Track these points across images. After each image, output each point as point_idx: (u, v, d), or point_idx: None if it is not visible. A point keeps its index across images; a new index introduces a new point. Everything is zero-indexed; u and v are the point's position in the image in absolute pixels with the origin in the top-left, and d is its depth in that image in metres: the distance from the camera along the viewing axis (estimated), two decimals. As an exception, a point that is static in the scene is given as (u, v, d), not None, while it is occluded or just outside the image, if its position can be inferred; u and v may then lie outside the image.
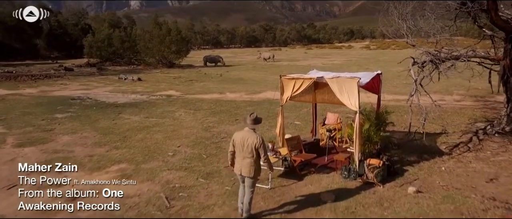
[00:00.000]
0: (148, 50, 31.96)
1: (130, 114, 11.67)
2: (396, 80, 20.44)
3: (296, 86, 6.14)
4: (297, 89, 6.15)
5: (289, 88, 6.22)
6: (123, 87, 19.09)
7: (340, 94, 5.77)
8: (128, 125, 10.01)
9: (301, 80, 6.07)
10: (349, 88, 5.66)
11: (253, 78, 23.04)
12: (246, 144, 4.62)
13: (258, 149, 4.60)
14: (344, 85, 5.71)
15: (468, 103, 13.30)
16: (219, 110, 12.12)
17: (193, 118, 10.99)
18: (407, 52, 43.07)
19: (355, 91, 5.61)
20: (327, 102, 7.16)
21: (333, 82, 5.80)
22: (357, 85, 5.58)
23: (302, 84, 6.09)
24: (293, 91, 6.19)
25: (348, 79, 5.66)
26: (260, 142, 4.60)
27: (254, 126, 4.75)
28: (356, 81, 5.57)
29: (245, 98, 15.04)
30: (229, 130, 9.45)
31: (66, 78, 23.95)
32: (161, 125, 9.98)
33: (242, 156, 4.67)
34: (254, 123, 4.75)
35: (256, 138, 4.62)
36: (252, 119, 4.76)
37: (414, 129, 8.86)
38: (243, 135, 4.71)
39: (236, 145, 4.73)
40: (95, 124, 10.26)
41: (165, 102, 13.86)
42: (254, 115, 4.81)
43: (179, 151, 7.65)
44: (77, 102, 13.91)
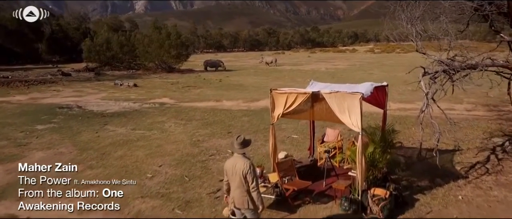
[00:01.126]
0: (147, 55, 31.28)
1: (116, 125, 10.89)
2: (402, 87, 19.51)
3: (289, 101, 5.30)
4: (290, 105, 5.32)
5: (280, 104, 5.38)
6: (116, 94, 18.35)
7: (340, 112, 4.92)
8: (110, 139, 9.21)
9: (295, 94, 5.23)
10: (350, 106, 4.81)
11: (253, 84, 22.23)
12: (234, 171, 4.04)
13: (246, 176, 3.97)
14: (344, 102, 4.87)
15: (480, 113, 12.36)
16: (212, 121, 11.30)
17: (182, 130, 10.18)
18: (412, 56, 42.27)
19: (357, 109, 4.76)
20: (326, 119, 6.29)
21: (332, 98, 4.95)
22: (360, 102, 4.72)
23: (295, 99, 5.25)
24: (286, 107, 5.35)
25: (349, 95, 4.81)
26: (248, 168, 3.97)
27: (242, 150, 4.16)
28: (358, 97, 4.72)
29: (242, 106, 14.21)
30: (220, 145, 8.63)
31: (61, 83, 23.30)
32: (147, 139, 9.17)
33: (234, 185, 4.08)
34: (242, 147, 4.17)
35: (244, 164, 4.00)
36: (239, 143, 4.16)
37: (423, 145, 7.99)
38: (233, 161, 4.12)
39: (228, 173, 4.14)
40: (76, 137, 9.48)
41: (156, 111, 13.07)
42: (241, 138, 4.21)
43: (160, 171, 6.82)
44: (64, 111, 13.16)
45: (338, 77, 25.25)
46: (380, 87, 6.22)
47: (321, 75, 27.26)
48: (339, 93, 4.88)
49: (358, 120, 4.77)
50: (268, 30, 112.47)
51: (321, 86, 6.03)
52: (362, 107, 4.80)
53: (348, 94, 4.81)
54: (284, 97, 5.30)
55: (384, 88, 6.37)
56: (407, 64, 36.86)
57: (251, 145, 4.49)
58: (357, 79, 24.10)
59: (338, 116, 4.98)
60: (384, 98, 6.41)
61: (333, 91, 4.92)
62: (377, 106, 6.49)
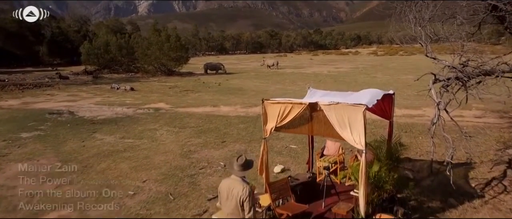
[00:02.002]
0: (146, 58, 30.78)
1: (105, 133, 10.31)
2: (407, 91, 18.86)
3: (283, 113, 4.68)
4: (284, 117, 4.70)
5: (273, 116, 4.76)
6: (111, 98, 17.81)
7: (340, 127, 4.30)
8: (96, 149, 8.62)
9: (290, 105, 4.61)
10: (352, 119, 4.19)
11: (253, 87, 21.63)
12: (231, 195, 3.53)
13: (243, 203, 3.48)
14: (345, 115, 4.24)
15: (491, 120, 11.68)
16: (207, 129, 10.70)
17: (174, 139, 9.58)
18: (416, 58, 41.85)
19: (360, 124, 4.13)
20: (325, 135, 5.64)
21: (331, 110, 4.33)
22: (363, 115, 4.10)
23: (290, 110, 4.63)
24: (279, 120, 4.74)
25: (351, 107, 4.19)
26: (247, 195, 3.47)
27: (242, 173, 3.61)
28: (361, 110, 4.10)
29: (240, 112, 13.61)
30: (212, 156, 8.01)
31: (57, 87, 22.82)
32: (135, 149, 8.58)
33: (227, 211, 3.59)
34: (242, 169, 3.62)
35: (243, 189, 3.49)
36: (239, 164, 3.62)
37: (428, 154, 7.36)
38: (229, 184, 3.59)
39: (221, 196, 3.64)
40: (60, 146, 8.90)
41: (150, 118, 12.49)
42: (243, 159, 3.66)
43: (143, 188, 6.22)
44: (53, 117, 12.60)
45: (341, 81, 24.60)
46: (386, 95, 5.59)
47: (323, 78, 26.64)
48: (340, 105, 4.25)
49: (361, 136, 4.15)
50: (270, 33, 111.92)
51: (320, 95, 5.41)
52: (365, 121, 4.17)
53: (350, 106, 4.19)
54: (278, 108, 4.68)
55: (391, 97, 5.74)
56: (411, 67, 36.20)
57: None
58: (360, 82, 23.43)
59: (338, 131, 4.35)
60: (390, 107, 5.79)
61: (333, 103, 4.29)
62: (383, 116, 5.88)
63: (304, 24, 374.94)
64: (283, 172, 6.82)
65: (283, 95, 17.76)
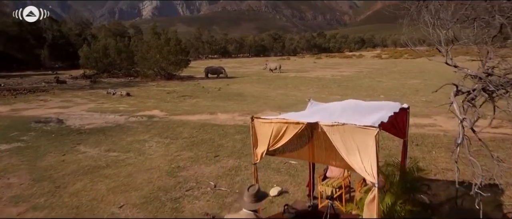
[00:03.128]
0: (145, 61, 30.11)
1: (90, 145, 9.53)
2: (414, 97, 17.95)
3: (276, 134, 3.85)
4: (278, 139, 3.87)
5: (265, 137, 3.93)
6: (105, 105, 17.07)
7: (348, 153, 3.47)
8: (76, 164, 7.83)
9: (284, 125, 3.78)
10: (362, 144, 3.36)
11: (254, 93, 20.82)
12: None
13: None
14: (353, 138, 3.41)
15: (509, 130, 10.75)
16: (200, 140, 9.88)
17: (163, 152, 8.77)
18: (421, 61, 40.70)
19: (373, 150, 3.30)
20: (328, 162, 4.74)
21: (335, 133, 3.50)
22: (376, 140, 3.26)
23: (285, 131, 3.80)
24: (272, 142, 3.91)
25: (360, 130, 3.35)
26: None
27: (255, 205, 2.95)
28: (373, 133, 3.26)
29: (237, 120, 12.79)
30: (202, 173, 7.19)
31: (52, 92, 22.15)
32: (118, 165, 7.78)
33: None
34: (255, 201, 2.96)
35: None
36: (252, 194, 2.95)
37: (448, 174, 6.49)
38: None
39: None
40: (37, 161, 8.12)
41: (141, 127, 11.70)
42: (255, 189, 2.98)
43: (119, 215, 5.41)
44: (39, 126, 11.85)
45: (345, 85, 23.73)
46: (400, 110, 4.75)
47: (326, 83, 25.78)
48: (346, 126, 3.42)
49: (374, 165, 3.31)
50: (273, 36, 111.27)
51: (322, 109, 4.58)
52: (378, 147, 3.34)
53: (359, 128, 3.35)
54: (270, 128, 3.85)
55: (405, 112, 4.89)
56: (416, 71, 35.25)
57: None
58: (365, 87, 22.55)
59: (344, 158, 3.52)
60: (404, 124, 4.94)
61: (337, 123, 3.46)
62: (395, 134, 5.03)
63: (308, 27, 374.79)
64: (280, 195, 5.98)
65: (285, 101, 16.94)
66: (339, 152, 3.54)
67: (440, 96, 19.04)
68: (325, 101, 17.90)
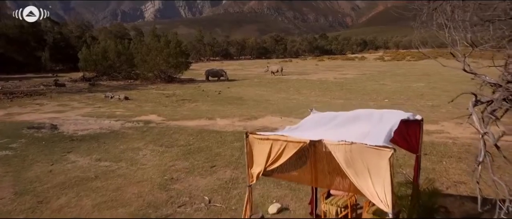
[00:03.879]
0: (145, 64, 29.71)
1: (81, 153, 9.07)
2: (420, 101, 17.41)
3: (274, 153, 3.37)
4: (276, 158, 3.39)
5: (261, 156, 3.46)
6: (102, 109, 16.64)
7: (357, 177, 2.99)
8: (63, 176, 7.37)
9: (283, 143, 3.30)
10: (374, 167, 2.88)
11: (255, 96, 20.35)
12: None
13: None
14: (363, 160, 2.93)
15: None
16: (197, 148, 9.41)
17: (157, 162, 8.30)
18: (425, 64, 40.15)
19: (386, 174, 2.82)
20: (333, 186, 4.18)
21: (342, 153, 3.02)
22: (390, 162, 2.78)
23: (284, 150, 3.32)
24: (269, 162, 3.42)
25: (372, 150, 2.87)
26: None
27: None
28: (387, 155, 2.78)
29: (237, 126, 12.32)
30: (197, 186, 6.71)
31: (49, 96, 21.74)
32: (108, 176, 7.31)
33: None
34: None
35: None
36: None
37: (458, 186, 5.99)
38: None
39: None
40: (23, 172, 7.67)
41: (136, 134, 11.24)
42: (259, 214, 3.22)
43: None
44: (31, 132, 11.42)
45: (348, 88, 23.23)
46: (412, 122, 4.26)
47: (329, 86, 25.29)
48: (355, 146, 2.94)
49: (388, 192, 2.83)
50: (275, 38, 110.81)
51: (325, 121, 4.09)
52: (393, 170, 2.85)
53: (371, 148, 2.87)
54: (267, 146, 3.37)
55: (418, 124, 4.40)
56: (420, 73, 34.66)
57: None
58: (368, 90, 22.03)
59: (353, 182, 3.03)
60: (417, 137, 4.45)
61: (345, 142, 2.98)
62: (407, 148, 4.54)
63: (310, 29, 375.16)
64: (280, 213, 5.49)
65: (286, 105, 16.45)
66: (347, 174, 3.06)
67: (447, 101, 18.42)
68: (328, 105, 17.33)
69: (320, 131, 3.40)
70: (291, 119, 13.18)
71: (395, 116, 3.66)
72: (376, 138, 3.04)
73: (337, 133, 3.33)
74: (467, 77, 5.30)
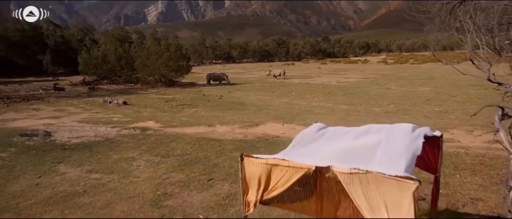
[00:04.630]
0: (145, 68, 29.33)
1: (72, 164, 8.60)
2: (426, 106, 16.85)
3: (275, 179, 2.87)
4: (276, 185, 2.89)
5: (259, 182, 2.96)
6: (99, 114, 16.21)
7: (372, 212, 2.49)
8: (50, 190, 6.90)
9: (284, 168, 2.81)
10: (392, 202, 2.38)
11: (256, 101, 19.88)
12: None
13: None
14: (380, 193, 2.43)
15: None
16: (194, 158, 8.92)
17: (151, 174, 7.81)
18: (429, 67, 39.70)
19: (409, 212, 2.31)
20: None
21: (355, 183, 2.52)
22: (415, 198, 2.27)
23: (284, 176, 2.82)
24: (268, 189, 2.92)
25: (391, 181, 2.36)
26: None
27: None
28: (411, 188, 2.28)
29: (237, 133, 11.83)
30: (191, 203, 6.22)
31: (47, 100, 21.36)
32: (97, 190, 6.82)
33: None
34: None
35: None
36: None
37: (474, 203, 5.47)
38: None
39: None
40: (8, 185, 7.20)
41: (131, 142, 10.77)
42: None
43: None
44: (22, 140, 10.98)
45: (351, 93, 22.73)
46: (430, 138, 3.75)
47: (332, 90, 24.79)
48: (372, 175, 2.44)
49: (410, 232, 2.31)
50: (278, 41, 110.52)
51: (332, 138, 3.59)
52: (416, 206, 2.35)
53: (390, 179, 2.37)
54: (266, 171, 2.88)
55: (437, 141, 3.89)
56: (424, 77, 34.06)
57: None
58: (372, 95, 21.49)
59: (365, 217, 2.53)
60: (436, 156, 3.94)
61: (358, 170, 2.48)
62: (424, 168, 4.03)
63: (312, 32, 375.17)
64: (281, 237, 4.97)
65: (288, 111, 15.94)
66: (359, 209, 2.55)
67: (454, 106, 17.85)
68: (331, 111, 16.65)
69: (327, 153, 2.90)
70: (293, 126, 12.67)
71: (416, 135, 3.15)
72: (396, 165, 2.53)
73: (347, 156, 2.83)
74: (473, 81, 4.86)
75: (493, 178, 7.23)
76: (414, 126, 3.90)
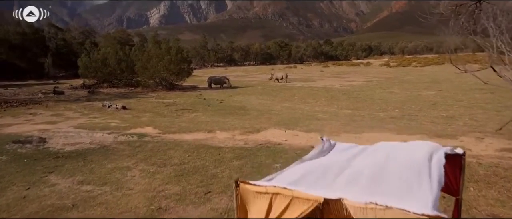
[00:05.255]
0: (146, 71, 28.99)
1: (64, 174, 8.20)
2: (433, 111, 16.37)
3: (277, 210, 2.45)
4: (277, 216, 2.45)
5: (257, 214, 2.53)
6: (97, 120, 15.84)
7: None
8: (36, 204, 6.49)
9: (288, 198, 2.38)
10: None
11: (258, 106, 19.46)
12: None
13: None
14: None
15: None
16: (192, 168, 8.49)
17: (146, 185, 7.39)
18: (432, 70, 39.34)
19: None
20: None
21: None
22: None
23: (288, 207, 2.40)
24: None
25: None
26: None
27: None
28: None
29: (237, 140, 11.41)
30: None
31: (45, 105, 21.02)
32: (87, 205, 6.41)
33: None
34: None
35: None
36: None
37: None
38: None
39: None
40: (-7, 198, 6.80)
41: (128, 149, 10.36)
42: None
43: None
44: (14, 148, 10.58)
45: (355, 97, 22.29)
46: (451, 157, 3.31)
47: (335, 94, 24.35)
48: (391, 212, 2.02)
49: None
50: (280, 43, 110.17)
51: (342, 160, 3.15)
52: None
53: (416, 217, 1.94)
54: (265, 200, 2.46)
55: (459, 159, 3.46)
56: (428, 80, 33.56)
57: None
58: (376, 99, 21.04)
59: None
60: (457, 176, 3.50)
61: (375, 205, 2.06)
62: (444, 190, 3.58)
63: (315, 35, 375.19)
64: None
65: (290, 116, 15.50)
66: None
67: (461, 111, 17.29)
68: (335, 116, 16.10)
69: (336, 181, 2.48)
70: (296, 132, 12.25)
71: (437, 159, 2.71)
72: (419, 198, 2.11)
73: (359, 184, 2.40)
74: (479, 85, 4.45)
75: (510, 191, 6.76)
76: (433, 145, 3.46)
